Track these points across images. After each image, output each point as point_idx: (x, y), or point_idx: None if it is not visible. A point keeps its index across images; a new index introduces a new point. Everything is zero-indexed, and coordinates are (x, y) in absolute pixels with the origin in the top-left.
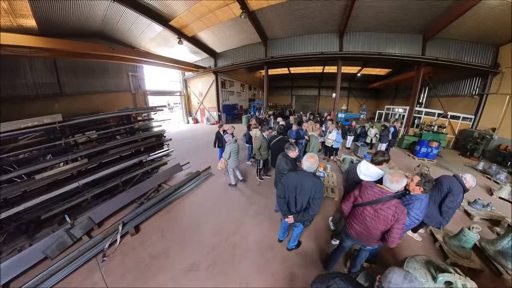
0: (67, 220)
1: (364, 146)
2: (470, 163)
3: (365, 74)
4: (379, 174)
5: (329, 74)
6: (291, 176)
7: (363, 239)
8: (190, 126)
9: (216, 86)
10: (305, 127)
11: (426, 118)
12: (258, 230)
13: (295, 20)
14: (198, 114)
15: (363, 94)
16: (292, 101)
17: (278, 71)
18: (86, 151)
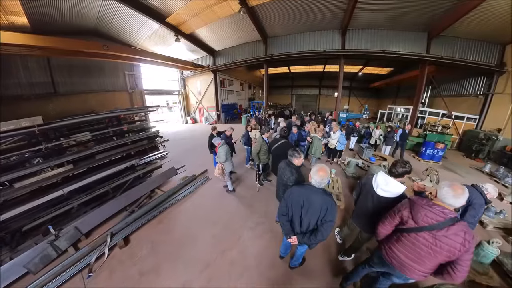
0: (51, 231)
1: (369, 148)
2: (476, 165)
3: (366, 73)
4: (400, 189)
5: (330, 73)
6: (295, 191)
7: (408, 271)
8: (188, 126)
9: (215, 85)
10: (307, 128)
11: (430, 118)
12: (257, 244)
13: (296, 17)
14: (197, 113)
15: (364, 94)
16: (292, 100)
17: (278, 70)
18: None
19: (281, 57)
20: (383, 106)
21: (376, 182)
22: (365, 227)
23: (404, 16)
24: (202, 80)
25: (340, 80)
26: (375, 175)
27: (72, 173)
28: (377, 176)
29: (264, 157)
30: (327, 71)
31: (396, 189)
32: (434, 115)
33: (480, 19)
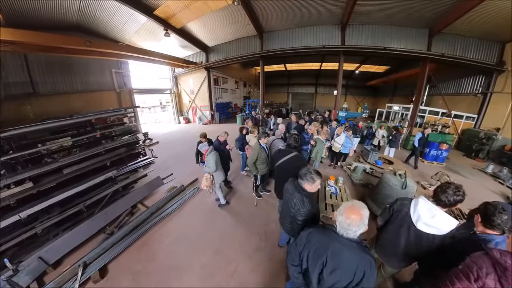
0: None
1: (376, 151)
2: (478, 165)
3: (363, 71)
4: (452, 225)
5: (327, 71)
6: (314, 239)
7: None
8: (181, 127)
9: (208, 83)
10: (310, 130)
11: (430, 117)
12: (256, 277)
13: (294, 10)
14: (190, 113)
15: (361, 92)
16: (289, 98)
17: (274, 68)
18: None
19: (278, 53)
20: (380, 105)
21: (416, 213)
22: (392, 262)
23: (406, 12)
24: (195, 78)
25: (340, 78)
26: (414, 201)
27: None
28: (419, 204)
29: (262, 167)
30: (323, 69)
31: (446, 226)
32: (433, 114)
33: (481, 16)
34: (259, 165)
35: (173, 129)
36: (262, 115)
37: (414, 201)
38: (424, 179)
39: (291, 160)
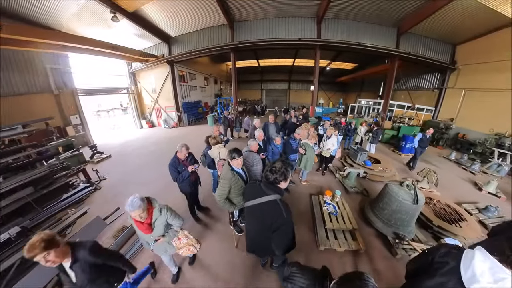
0: None
1: (364, 151)
2: (441, 153)
3: (333, 68)
4: None
5: (299, 67)
6: None
7: None
8: (144, 132)
9: (172, 80)
10: (298, 136)
11: (397, 111)
12: None
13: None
14: (154, 115)
15: (331, 88)
16: (262, 95)
17: (246, 64)
18: None
19: (251, 45)
20: (349, 100)
21: (471, 270)
22: None
23: (377, 10)
24: (156, 74)
25: (316, 73)
26: (466, 253)
27: None
28: (475, 259)
29: (239, 199)
30: (296, 65)
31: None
32: (400, 107)
33: (440, 20)
34: (234, 197)
35: (133, 136)
36: (236, 114)
37: (467, 253)
38: (409, 176)
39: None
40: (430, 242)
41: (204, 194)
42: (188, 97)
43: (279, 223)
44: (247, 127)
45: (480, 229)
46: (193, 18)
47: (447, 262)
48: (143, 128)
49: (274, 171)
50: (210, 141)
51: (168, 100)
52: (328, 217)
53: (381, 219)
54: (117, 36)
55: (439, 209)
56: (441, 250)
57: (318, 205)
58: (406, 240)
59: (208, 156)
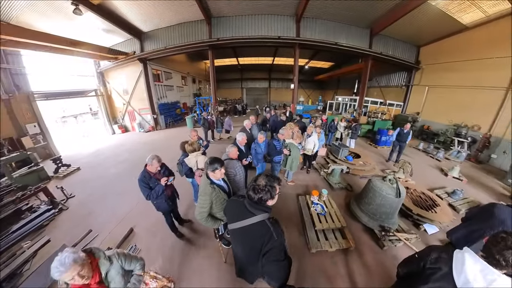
0: None
1: (345, 147)
2: (411, 144)
3: (311, 66)
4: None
5: (279, 66)
6: None
7: None
8: (116, 138)
9: (146, 80)
10: (282, 136)
11: (371, 106)
12: None
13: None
14: (127, 119)
15: (310, 86)
16: (243, 94)
17: (225, 62)
18: None
19: (230, 42)
20: (327, 97)
21: (463, 275)
22: None
23: (353, 12)
24: (128, 73)
25: (296, 71)
26: (456, 257)
27: None
28: (466, 264)
29: (222, 214)
30: (276, 64)
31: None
32: (373, 103)
33: (408, 23)
34: (218, 212)
35: (105, 144)
36: (216, 114)
37: (457, 257)
38: (387, 167)
39: (253, 231)
40: (412, 230)
41: (185, 206)
42: (164, 97)
43: (269, 247)
44: (228, 127)
45: (451, 212)
46: (167, 12)
47: (440, 268)
48: (116, 133)
49: (257, 189)
50: (186, 148)
51: (142, 101)
52: (317, 217)
53: (367, 213)
54: (81, 31)
55: (415, 197)
56: (431, 255)
57: (306, 206)
58: (391, 231)
59: (185, 165)
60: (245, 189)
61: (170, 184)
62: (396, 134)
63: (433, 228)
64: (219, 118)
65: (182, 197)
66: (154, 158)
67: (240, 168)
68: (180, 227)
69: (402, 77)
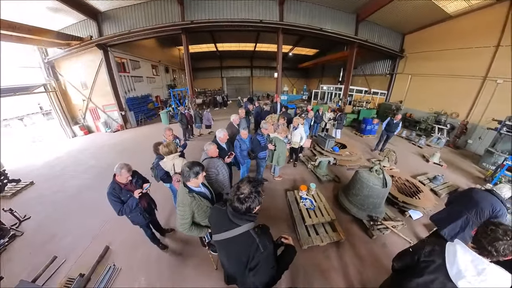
0: None
1: (331, 138)
2: None
3: (295, 53)
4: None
5: (261, 52)
6: None
7: None
8: (78, 142)
9: (108, 70)
10: (266, 131)
11: (356, 95)
12: None
13: None
14: (89, 118)
15: (294, 74)
16: (223, 84)
17: (203, 48)
18: None
19: (205, 25)
20: (312, 85)
21: (456, 267)
22: None
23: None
24: (85, 63)
25: (279, 58)
26: (448, 249)
27: None
28: (457, 255)
29: (207, 221)
30: (258, 50)
31: (500, 284)
32: (358, 92)
33: (393, 10)
34: (202, 220)
35: (63, 150)
36: (194, 108)
37: (449, 249)
38: (372, 156)
39: (238, 243)
40: (398, 217)
41: (166, 213)
42: (132, 91)
43: (255, 261)
44: (208, 122)
45: (433, 197)
46: None
47: (433, 261)
48: (77, 136)
49: (243, 199)
50: (161, 150)
51: (105, 96)
52: (307, 212)
53: (355, 204)
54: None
55: (400, 184)
56: (425, 248)
57: (295, 202)
58: (379, 220)
59: (160, 168)
60: (230, 188)
61: (145, 192)
62: (385, 124)
63: (418, 213)
64: (198, 112)
65: (161, 204)
66: (123, 167)
67: (222, 166)
68: (162, 238)
69: (387, 65)
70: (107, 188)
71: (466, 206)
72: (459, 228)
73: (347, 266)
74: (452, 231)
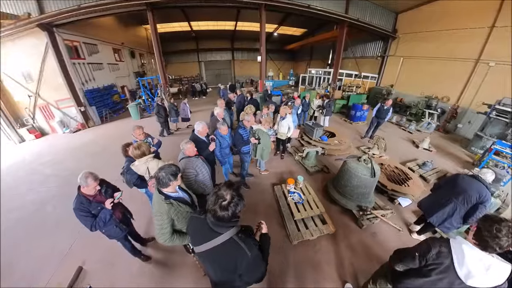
0: None
1: (320, 127)
2: None
3: (281, 33)
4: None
5: (243, 32)
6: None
7: None
8: (29, 148)
9: (57, 57)
10: (248, 123)
11: (346, 79)
12: None
13: None
14: (40, 118)
15: (280, 56)
16: (201, 69)
17: (175, 27)
18: None
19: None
20: (299, 69)
21: (465, 267)
22: None
23: None
24: (26, 48)
25: (263, 38)
26: (455, 249)
27: None
28: (465, 255)
29: None
30: (239, 30)
31: (502, 276)
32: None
33: None
34: (184, 227)
35: (10, 159)
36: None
37: (455, 248)
38: (362, 144)
39: (222, 252)
40: (387, 205)
41: (144, 221)
42: (91, 81)
43: (245, 266)
44: (185, 115)
45: (422, 184)
46: None
47: (441, 263)
48: (26, 141)
49: (224, 206)
50: (131, 153)
51: (58, 90)
52: (295, 207)
53: (344, 195)
54: None
55: (389, 172)
56: (432, 251)
57: (283, 196)
58: (368, 210)
59: (132, 173)
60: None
61: (118, 202)
62: (375, 111)
63: (407, 201)
64: (172, 104)
65: (138, 212)
66: (88, 176)
67: (201, 165)
68: (143, 248)
69: (378, 47)
70: (72, 204)
71: (453, 193)
72: (446, 215)
73: (339, 258)
74: (440, 218)
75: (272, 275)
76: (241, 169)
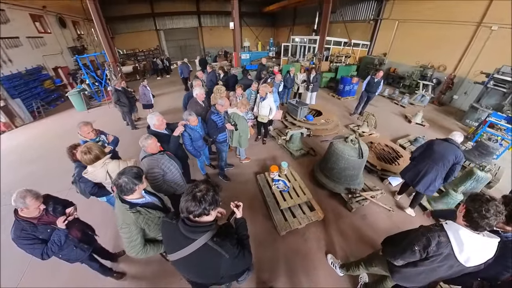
0: None
1: (304, 105)
2: None
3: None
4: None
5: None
6: None
7: None
8: None
9: None
10: (222, 107)
11: (334, 48)
12: None
13: None
14: None
15: (258, 21)
16: (161, 40)
17: None
18: None
19: None
20: (280, 37)
21: (465, 253)
22: None
23: None
24: None
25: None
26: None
27: None
28: (464, 242)
29: None
30: None
31: (492, 251)
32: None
33: None
34: (158, 235)
35: None
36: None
37: (453, 237)
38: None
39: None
40: (377, 185)
41: (111, 233)
42: (6, 63)
43: (225, 269)
44: (147, 101)
45: None
46: None
47: (442, 253)
48: None
49: (200, 199)
50: (80, 158)
51: None
52: (281, 195)
53: (332, 179)
54: None
55: (379, 150)
56: (432, 244)
57: (267, 186)
58: (357, 192)
59: (86, 180)
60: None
61: (73, 220)
62: (365, 84)
63: (397, 179)
64: (125, 89)
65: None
66: (25, 195)
67: (168, 162)
68: (115, 264)
69: (371, 9)
70: (11, 233)
71: (433, 159)
72: (430, 181)
73: (330, 244)
74: (425, 185)
75: (261, 271)
76: (219, 161)
